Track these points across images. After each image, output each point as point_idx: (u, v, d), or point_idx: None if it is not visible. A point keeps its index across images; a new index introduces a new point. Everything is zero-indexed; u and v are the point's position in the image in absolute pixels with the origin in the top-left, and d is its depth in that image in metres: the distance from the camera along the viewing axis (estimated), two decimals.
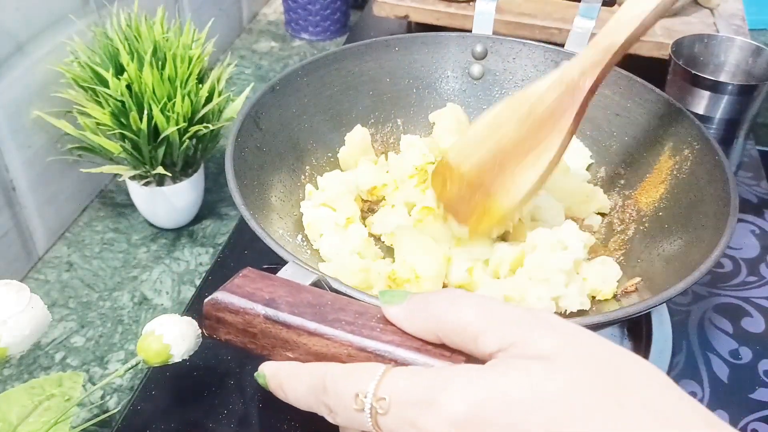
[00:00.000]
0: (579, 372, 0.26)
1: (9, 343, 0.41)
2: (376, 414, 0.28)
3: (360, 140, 0.66)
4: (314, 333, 0.31)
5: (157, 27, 0.66)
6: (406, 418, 0.27)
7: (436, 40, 0.70)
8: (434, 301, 0.30)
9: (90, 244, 0.71)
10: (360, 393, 0.28)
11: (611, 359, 0.27)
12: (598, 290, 0.54)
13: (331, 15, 1.08)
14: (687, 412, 0.26)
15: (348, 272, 0.53)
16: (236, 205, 0.49)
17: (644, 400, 0.25)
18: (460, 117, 0.69)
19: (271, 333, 0.33)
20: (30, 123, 0.64)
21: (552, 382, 0.26)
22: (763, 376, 0.59)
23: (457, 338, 0.29)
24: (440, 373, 0.28)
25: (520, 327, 0.28)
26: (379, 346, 0.30)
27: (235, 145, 0.54)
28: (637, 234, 0.59)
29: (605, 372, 0.26)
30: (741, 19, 0.95)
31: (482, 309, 0.29)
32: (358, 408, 0.28)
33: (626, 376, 0.26)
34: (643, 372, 0.27)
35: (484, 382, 0.26)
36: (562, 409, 0.25)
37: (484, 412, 0.26)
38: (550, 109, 0.49)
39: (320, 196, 0.60)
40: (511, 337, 0.27)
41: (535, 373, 0.26)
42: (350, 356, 0.31)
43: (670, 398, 0.26)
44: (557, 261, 0.51)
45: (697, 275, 0.44)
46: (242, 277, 0.34)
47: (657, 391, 0.26)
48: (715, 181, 0.54)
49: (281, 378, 0.32)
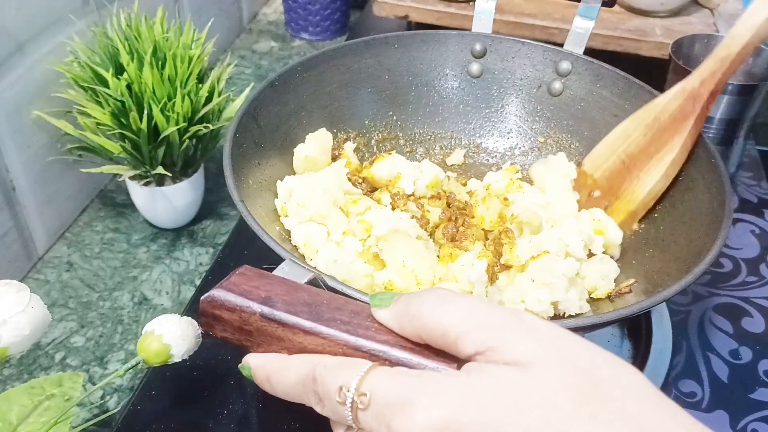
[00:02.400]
0: (554, 381, 0.26)
1: (9, 343, 0.41)
2: (357, 408, 0.28)
3: (323, 142, 0.63)
4: (310, 332, 0.32)
5: (157, 27, 0.66)
6: (382, 418, 0.27)
7: (435, 38, 0.70)
8: (418, 304, 0.30)
9: (90, 244, 0.71)
10: (344, 386, 0.29)
11: (590, 366, 0.27)
12: (595, 287, 0.54)
13: (331, 15, 1.08)
14: (665, 422, 0.25)
15: (356, 276, 0.53)
16: (234, 201, 0.48)
17: (620, 411, 0.25)
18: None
19: (267, 331, 0.33)
20: (30, 123, 0.64)
21: (528, 391, 0.26)
22: (763, 376, 0.59)
23: (441, 341, 0.29)
24: (421, 377, 0.28)
25: (499, 330, 0.27)
26: (374, 345, 0.30)
27: (233, 141, 0.54)
28: (632, 234, 0.59)
29: (582, 380, 0.26)
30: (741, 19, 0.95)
31: (464, 311, 0.28)
32: (341, 401, 0.28)
33: (604, 384, 0.26)
34: (623, 380, 0.26)
35: (459, 389, 0.26)
36: (536, 419, 0.25)
37: (457, 420, 0.26)
38: (673, 115, 0.55)
39: (303, 212, 0.55)
40: (490, 341, 0.27)
41: (510, 381, 0.26)
42: (345, 355, 0.31)
43: (649, 408, 0.26)
44: (562, 267, 0.51)
45: (696, 275, 0.44)
46: (239, 275, 0.34)
47: (635, 400, 0.26)
48: (710, 182, 0.54)
49: (268, 370, 0.33)
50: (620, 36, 0.90)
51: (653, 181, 0.57)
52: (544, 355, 0.26)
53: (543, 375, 0.26)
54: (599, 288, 0.54)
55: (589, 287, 0.54)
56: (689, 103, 0.54)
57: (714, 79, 0.54)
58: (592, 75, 0.66)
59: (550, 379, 0.26)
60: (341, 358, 0.30)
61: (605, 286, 0.54)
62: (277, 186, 0.58)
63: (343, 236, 0.55)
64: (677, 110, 0.55)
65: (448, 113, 0.72)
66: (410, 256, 0.53)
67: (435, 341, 0.29)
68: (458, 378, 0.27)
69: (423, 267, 0.53)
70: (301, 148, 0.62)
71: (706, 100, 0.54)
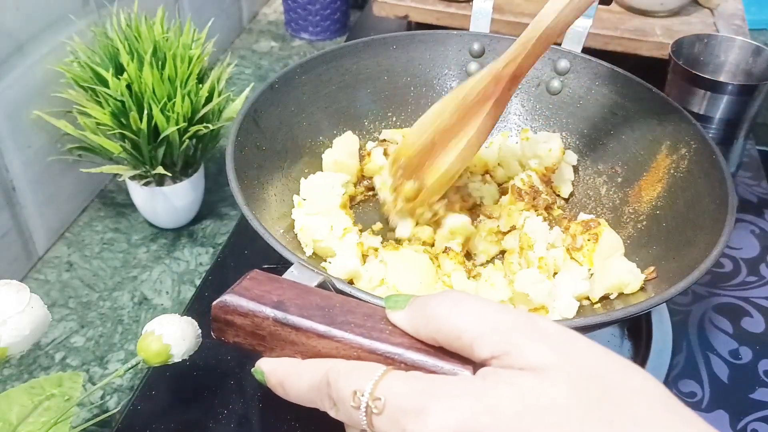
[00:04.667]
0: (569, 386, 0.26)
1: (9, 343, 0.41)
2: (371, 413, 0.28)
3: (349, 146, 0.66)
4: (324, 335, 0.31)
5: (157, 27, 0.66)
6: (397, 422, 0.27)
7: (433, 38, 0.70)
8: (433, 307, 0.30)
9: (90, 244, 0.71)
10: (358, 391, 0.28)
11: (604, 371, 0.27)
12: (626, 284, 0.54)
13: (331, 15, 1.08)
14: (679, 427, 0.25)
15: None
16: (239, 206, 0.48)
17: (634, 416, 0.25)
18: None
19: (280, 335, 0.32)
20: (30, 123, 0.64)
21: (542, 397, 0.26)
22: (763, 376, 0.59)
23: (455, 344, 0.29)
24: (435, 382, 0.28)
25: (513, 335, 0.27)
26: (389, 348, 0.30)
27: (235, 144, 0.54)
28: (634, 232, 0.59)
29: (597, 386, 0.26)
30: (741, 19, 0.95)
31: (478, 315, 0.28)
32: (355, 405, 0.28)
33: (617, 389, 0.26)
34: (636, 384, 0.26)
35: (474, 394, 0.26)
36: (550, 425, 0.25)
37: (471, 426, 0.26)
38: (478, 96, 0.54)
39: (311, 207, 0.59)
40: (505, 345, 0.27)
41: (526, 386, 0.26)
42: (360, 359, 0.31)
43: (662, 413, 0.26)
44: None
45: (697, 275, 0.44)
46: (250, 280, 0.34)
47: (648, 405, 0.26)
48: (712, 180, 0.54)
49: (281, 375, 0.32)
50: (620, 36, 0.90)
51: (448, 162, 0.56)
52: (558, 360, 0.26)
53: (556, 380, 0.26)
54: (630, 284, 0.53)
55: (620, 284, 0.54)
56: (492, 85, 0.53)
57: (515, 63, 0.52)
58: (590, 73, 0.66)
59: (564, 385, 0.26)
60: (355, 362, 0.30)
61: (636, 281, 0.53)
62: (301, 183, 0.61)
63: (344, 232, 0.56)
64: (482, 91, 0.53)
65: None
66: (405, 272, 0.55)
67: (450, 344, 0.29)
68: (473, 383, 0.27)
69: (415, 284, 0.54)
70: (330, 153, 0.65)
71: (507, 83, 0.53)
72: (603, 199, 0.64)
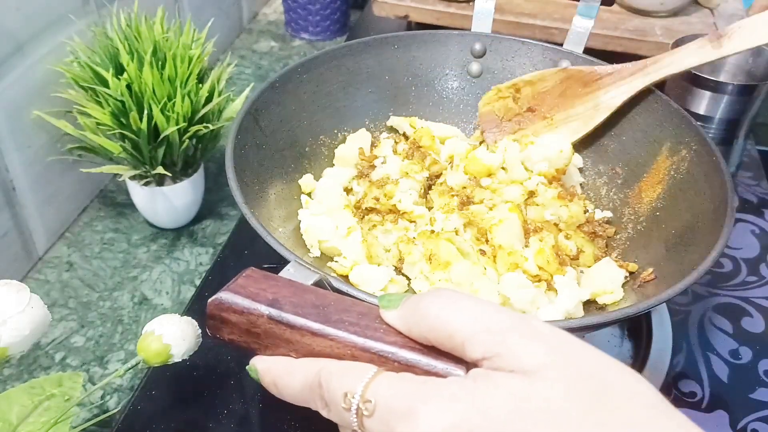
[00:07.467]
0: (561, 388, 0.26)
1: (9, 343, 0.41)
2: (362, 415, 0.28)
3: (362, 142, 0.67)
4: (318, 333, 0.31)
5: (157, 27, 0.66)
6: (387, 424, 0.27)
7: (435, 38, 0.70)
8: (425, 306, 0.30)
9: (90, 244, 0.71)
10: (349, 392, 0.28)
11: (597, 373, 0.26)
12: (604, 291, 0.54)
13: (331, 15, 1.08)
14: (673, 430, 0.25)
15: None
16: (238, 204, 0.48)
17: (628, 419, 0.25)
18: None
19: (275, 333, 0.32)
20: (30, 123, 0.64)
21: (535, 399, 0.25)
22: (763, 376, 0.59)
23: (447, 344, 0.29)
24: (425, 384, 0.28)
25: (506, 336, 0.27)
26: (383, 347, 0.30)
27: (235, 143, 0.54)
28: (634, 233, 0.59)
29: (589, 388, 0.26)
30: (741, 19, 0.95)
31: (470, 315, 0.28)
32: (346, 407, 0.28)
33: (611, 392, 0.26)
34: (629, 387, 0.26)
35: (464, 397, 0.26)
36: (543, 428, 0.25)
37: (461, 428, 0.25)
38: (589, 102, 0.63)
39: (316, 207, 0.60)
40: (497, 347, 0.27)
41: (516, 389, 0.26)
42: (354, 357, 0.31)
43: (656, 416, 0.26)
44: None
45: (696, 275, 0.44)
46: (245, 277, 0.34)
47: (642, 408, 0.26)
48: (712, 182, 0.53)
49: (275, 375, 0.32)
50: (620, 36, 0.90)
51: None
52: (551, 362, 0.26)
53: (550, 383, 0.26)
54: (612, 292, 0.53)
55: (600, 290, 0.54)
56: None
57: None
58: None
59: (557, 387, 0.26)
60: (346, 363, 0.30)
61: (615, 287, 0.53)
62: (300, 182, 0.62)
63: (348, 231, 0.57)
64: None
65: (448, 113, 0.72)
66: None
67: (442, 344, 0.29)
68: (463, 385, 0.27)
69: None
70: (343, 149, 0.66)
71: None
72: (603, 199, 0.64)
